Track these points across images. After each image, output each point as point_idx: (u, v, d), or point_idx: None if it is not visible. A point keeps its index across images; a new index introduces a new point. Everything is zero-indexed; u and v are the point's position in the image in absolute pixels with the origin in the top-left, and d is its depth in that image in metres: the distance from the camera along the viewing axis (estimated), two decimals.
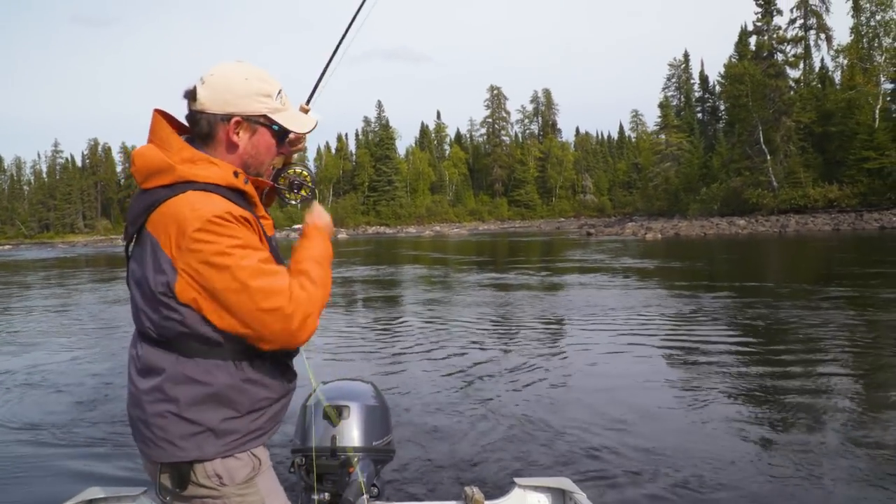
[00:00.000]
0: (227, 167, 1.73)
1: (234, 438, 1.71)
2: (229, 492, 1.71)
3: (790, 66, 62.39)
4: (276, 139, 1.83)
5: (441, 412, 6.31)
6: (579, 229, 68.35)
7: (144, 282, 1.67)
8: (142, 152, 1.71)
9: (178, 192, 1.65)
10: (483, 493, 3.00)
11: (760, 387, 6.98)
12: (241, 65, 1.77)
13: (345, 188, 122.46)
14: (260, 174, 1.86)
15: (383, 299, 16.81)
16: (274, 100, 1.78)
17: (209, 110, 1.72)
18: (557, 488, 3.12)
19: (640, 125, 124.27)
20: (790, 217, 50.96)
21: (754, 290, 14.97)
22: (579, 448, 5.23)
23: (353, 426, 2.71)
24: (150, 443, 1.70)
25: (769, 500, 4.23)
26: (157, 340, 1.68)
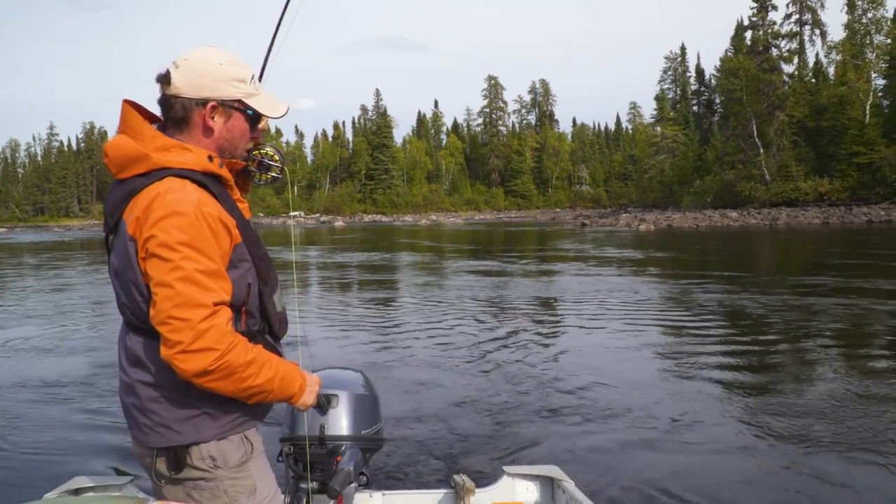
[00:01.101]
0: (201, 152, 1.72)
1: (230, 420, 1.74)
2: (222, 474, 1.73)
3: (784, 62, 63.17)
4: (250, 123, 1.84)
5: (430, 400, 6.35)
6: (574, 220, 69.15)
7: (122, 271, 1.69)
8: (115, 143, 1.70)
9: (155, 179, 1.65)
10: (472, 481, 3.02)
11: (748, 372, 7.17)
12: (215, 49, 1.79)
13: (342, 176, 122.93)
14: (235, 157, 1.86)
15: (376, 287, 17.33)
16: (248, 84, 1.80)
17: (184, 94, 1.72)
18: (546, 476, 3.15)
19: (637, 117, 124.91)
20: (781, 210, 51.87)
21: (738, 279, 15.71)
22: (568, 436, 5.30)
23: (341, 415, 2.69)
24: (146, 429, 1.72)
25: (757, 486, 4.33)
26: (143, 329, 1.69)
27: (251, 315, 1.78)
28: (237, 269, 1.71)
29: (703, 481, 4.41)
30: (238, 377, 1.62)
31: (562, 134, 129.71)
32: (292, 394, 1.80)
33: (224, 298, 1.62)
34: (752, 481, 4.39)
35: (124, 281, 1.69)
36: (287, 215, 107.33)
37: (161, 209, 1.59)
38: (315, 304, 13.72)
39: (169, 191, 1.62)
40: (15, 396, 6.81)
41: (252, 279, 1.75)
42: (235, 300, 1.69)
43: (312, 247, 36.78)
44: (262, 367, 1.67)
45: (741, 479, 4.44)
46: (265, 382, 1.68)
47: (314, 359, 3.07)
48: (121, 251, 1.68)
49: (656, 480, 4.40)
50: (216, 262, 1.63)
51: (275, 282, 1.85)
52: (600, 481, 4.37)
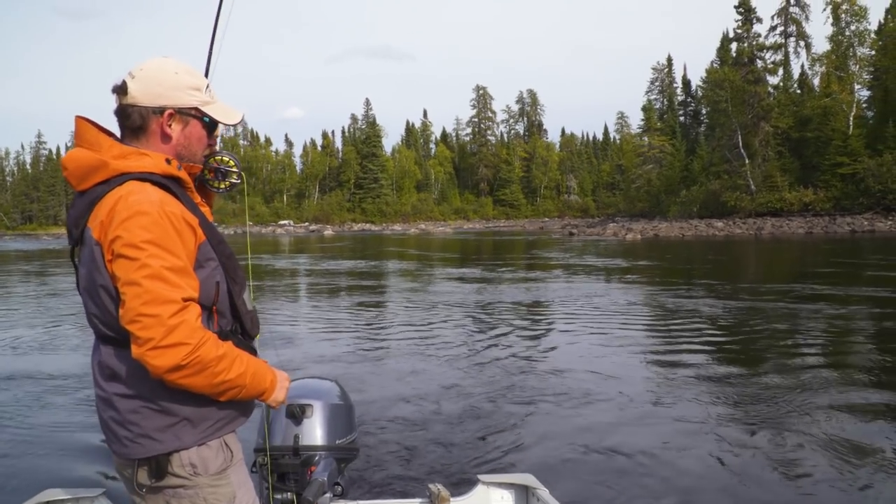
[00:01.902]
0: (158, 156, 1.75)
1: (209, 425, 1.74)
2: (202, 482, 1.73)
3: (769, 73, 63.96)
4: (207, 130, 1.87)
5: (406, 408, 6.37)
6: (562, 229, 69.53)
7: (90, 278, 1.70)
8: (72, 156, 1.73)
9: (116, 184, 1.68)
10: (447, 490, 3.02)
11: (728, 380, 7.15)
12: (169, 59, 1.82)
13: (331, 185, 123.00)
14: (193, 163, 1.89)
15: (360, 293, 17.47)
16: (203, 93, 1.83)
17: (141, 103, 1.75)
18: (521, 484, 3.16)
19: (624, 127, 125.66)
20: (766, 220, 52.47)
21: (718, 286, 16.02)
22: (544, 443, 5.32)
23: (315, 425, 2.69)
24: (126, 441, 1.71)
25: (735, 495, 4.35)
26: (115, 339, 1.69)
27: (222, 315, 1.79)
28: (204, 269, 1.72)
29: (680, 489, 4.41)
30: (210, 372, 1.62)
31: (550, 143, 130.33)
32: (264, 389, 1.80)
33: (192, 295, 1.63)
34: (733, 491, 4.39)
35: (93, 288, 1.69)
36: (277, 223, 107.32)
37: (124, 210, 1.61)
38: (296, 310, 13.95)
39: (130, 193, 1.64)
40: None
41: (220, 278, 1.76)
42: (205, 300, 1.70)
43: (301, 255, 36.95)
44: (234, 362, 1.67)
45: (722, 488, 4.44)
46: (237, 377, 1.68)
47: (291, 367, 3.10)
48: (87, 258, 1.69)
49: (632, 489, 4.42)
50: (182, 259, 1.63)
51: (243, 280, 1.86)
52: (575, 489, 4.38)
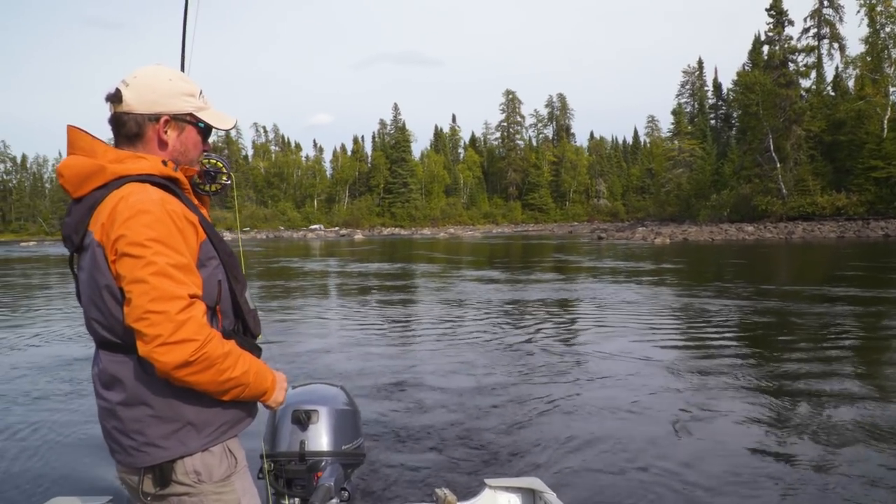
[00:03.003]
0: (154, 158, 1.76)
1: (213, 429, 1.74)
2: (206, 489, 1.73)
3: (801, 76, 63.29)
4: (202, 136, 1.89)
5: (414, 412, 6.33)
6: (591, 233, 69.37)
7: (91, 282, 1.69)
8: (68, 163, 1.73)
9: (114, 187, 1.68)
10: (454, 495, 3.02)
11: (751, 387, 6.99)
12: (162, 67, 1.84)
13: (360, 190, 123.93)
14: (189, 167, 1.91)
15: (384, 294, 17.77)
16: (197, 99, 1.85)
17: (136, 111, 1.75)
18: (528, 488, 3.15)
19: (655, 130, 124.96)
20: (798, 224, 51.92)
21: (740, 289, 16.04)
22: (551, 448, 5.26)
23: (321, 430, 2.70)
24: (132, 450, 1.70)
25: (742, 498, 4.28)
26: (117, 345, 1.69)
27: (225, 314, 1.80)
28: (206, 268, 1.72)
29: (691, 495, 4.34)
30: (217, 369, 1.63)
31: (579, 147, 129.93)
32: (265, 389, 1.81)
33: (197, 292, 1.63)
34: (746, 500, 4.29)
35: (95, 290, 1.68)
36: (307, 228, 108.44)
37: (126, 210, 1.61)
38: (316, 309, 14.38)
39: (131, 193, 1.65)
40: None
41: (222, 276, 1.77)
42: (208, 299, 1.70)
43: (331, 258, 37.48)
44: (238, 360, 1.69)
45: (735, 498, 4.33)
46: (241, 375, 1.70)
47: (302, 362, 3.21)
48: (89, 262, 1.68)
49: (640, 495, 4.37)
50: (186, 256, 1.64)
51: (244, 279, 1.88)
52: (582, 494, 4.35)
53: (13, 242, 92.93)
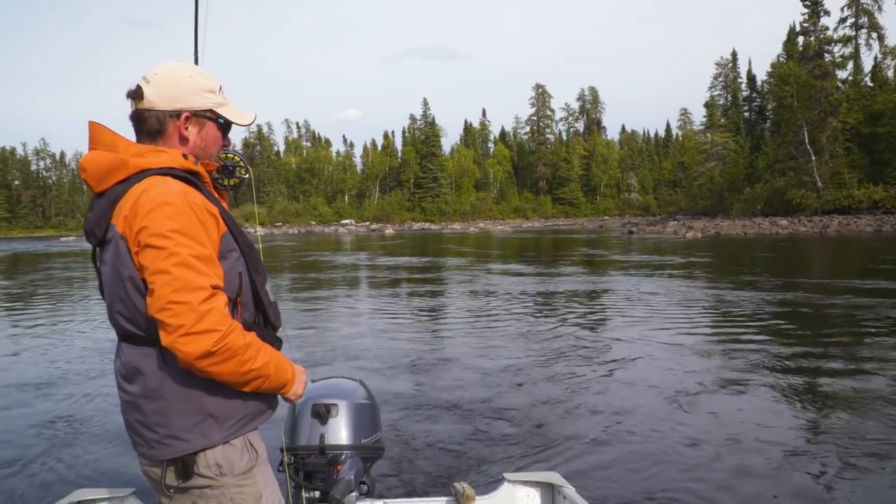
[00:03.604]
0: (175, 152, 1.78)
1: (234, 422, 1.75)
2: (228, 482, 1.74)
3: (838, 67, 62.18)
4: (222, 131, 1.92)
5: (433, 406, 6.31)
6: (622, 227, 69.02)
7: (115, 275, 1.70)
8: (91, 157, 1.75)
9: (136, 181, 1.70)
10: (473, 489, 3.03)
11: (771, 384, 6.84)
12: (182, 63, 1.86)
13: (391, 185, 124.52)
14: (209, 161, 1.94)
15: (409, 290, 17.90)
16: (217, 95, 1.87)
17: (157, 107, 1.77)
18: (546, 482, 3.15)
19: (687, 123, 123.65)
20: (833, 218, 51.12)
21: (769, 283, 15.95)
22: (571, 442, 5.23)
23: (341, 424, 2.72)
24: (154, 443, 1.72)
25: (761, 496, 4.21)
26: (140, 337, 1.70)
27: (246, 306, 1.81)
28: (227, 259, 1.74)
29: (706, 492, 4.28)
30: (238, 360, 1.65)
31: (610, 141, 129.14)
32: (285, 381, 1.84)
33: (219, 283, 1.65)
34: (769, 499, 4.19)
35: (118, 282, 1.69)
36: (338, 223, 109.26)
37: (148, 202, 1.63)
38: (345, 303, 14.55)
39: (153, 186, 1.67)
40: (15, 407, 6.75)
41: (242, 268, 1.78)
42: (229, 291, 1.71)
43: (362, 251, 37.79)
44: (259, 352, 1.71)
45: (758, 495, 4.23)
46: (263, 366, 1.71)
47: (323, 360, 3.23)
48: (112, 254, 1.70)
49: (658, 488, 4.34)
50: (208, 248, 1.66)
51: (265, 272, 1.89)
52: (600, 488, 4.34)
53: (53, 237, 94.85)
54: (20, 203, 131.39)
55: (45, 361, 8.94)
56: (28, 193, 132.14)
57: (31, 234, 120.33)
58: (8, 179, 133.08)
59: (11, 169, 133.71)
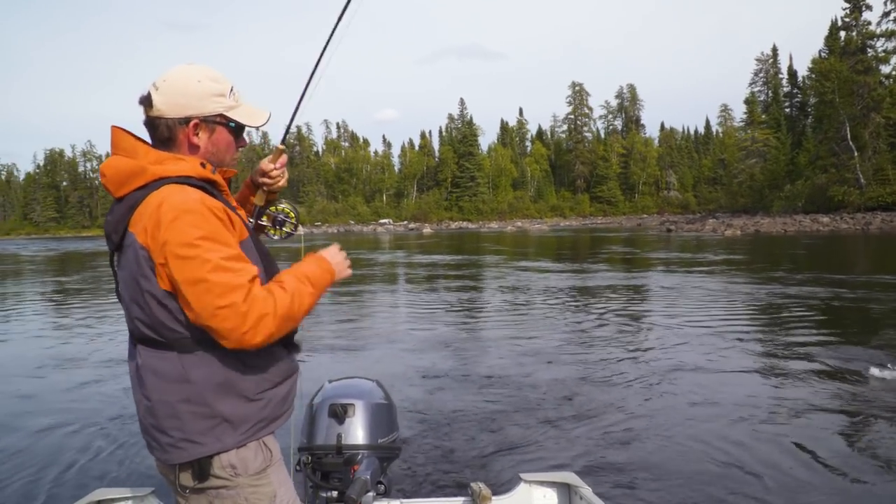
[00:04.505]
0: (193, 160, 1.78)
1: (249, 426, 1.76)
2: (243, 482, 1.75)
3: (881, 62, 61.20)
4: (234, 135, 1.89)
5: (452, 406, 6.30)
6: (660, 226, 68.68)
7: (133, 284, 1.70)
8: (111, 163, 1.75)
9: (153, 189, 1.69)
10: (489, 489, 3.03)
11: (822, 388, 6.66)
12: (192, 66, 1.82)
13: (428, 184, 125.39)
14: (224, 167, 1.91)
15: (445, 285, 18.32)
16: (227, 98, 1.83)
17: (167, 115, 1.76)
18: (563, 483, 3.15)
19: (728, 120, 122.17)
20: (876, 215, 50.41)
21: (798, 280, 16.11)
22: (586, 443, 5.21)
23: (358, 424, 2.73)
24: (169, 447, 1.73)
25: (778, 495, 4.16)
26: (157, 342, 1.71)
27: None
28: None
29: (724, 493, 4.24)
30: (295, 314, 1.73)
31: (648, 139, 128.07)
32: (329, 280, 1.92)
33: (254, 272, 1.68)
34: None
35: (138, 292, 1.69)
36: (377, 222, 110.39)
37: (170, 212, 1.63)
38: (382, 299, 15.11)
39: (171, 195, 1.67)
40: (42, 405, 6.84)
41: (262, 276, 1.76)
42: None
43: (400, 250, 38.45)
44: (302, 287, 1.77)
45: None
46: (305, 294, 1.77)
47: (334, 366, 3.26)
48: (131, 263, 1.70)
49: (674, 489, 4.32)
50: (235, 247, 1.69)
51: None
52: (617, 488, 4.33)
53: (100, 238, 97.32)
54: (68, 203, 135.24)
55: (77, 359, 9.17)
56: (76, 194, 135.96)
57: (79, 233, 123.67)
58: (57, 181, 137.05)
59: (60, 170, 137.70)
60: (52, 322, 13.46)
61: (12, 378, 8.28)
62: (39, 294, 19.95)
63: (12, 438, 5.79)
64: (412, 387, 7.07)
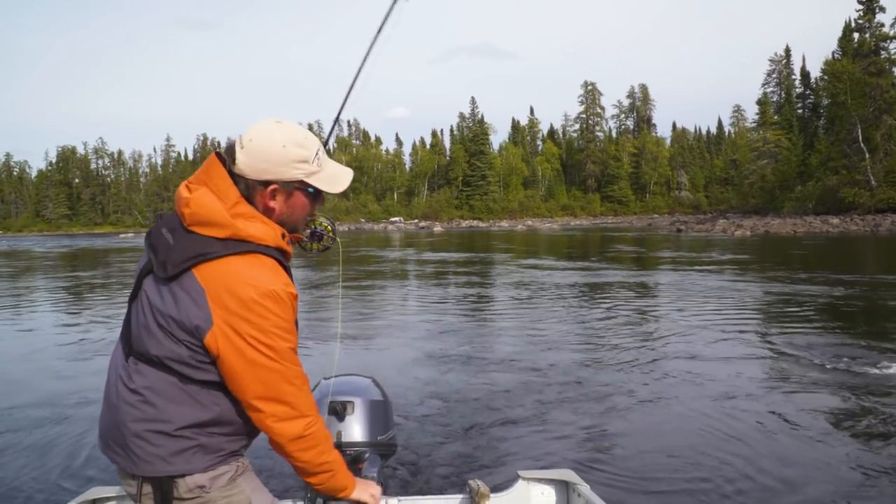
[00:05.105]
0: (277, 228, 1.76)
1: (222, 454, 1.76)
2: (214, 496, 1.74)
3: (893, 64, 61.02)
4: (311, 199, 1.85)
5: (450, 402, 6.30)
6: (670, 226, 68.66)
7: (170, 315, 1.66)
8: (199, 199, 1.69)
9: (233, 250, 1.66)
10: (487, 486, 3.01)
11: (772, 377, 6.82)
12: (280, 127, 1.76)
13: (439, 182, 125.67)
14: (295, 231, 1.89)
15: (453, 281, 18.61)
16: (311, 164, 1.78)
17: (247, 176, 1.73)
18: (561, 480, 3.14)
19: (740, 120, 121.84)
20: (886, 216, 50.33)
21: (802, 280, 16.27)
22: (584, 440, 5.21)
23: (357, 422, 2.74)
24: (135, 458, 1.70)
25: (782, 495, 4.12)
26: (167, 368, 1.69)
27: None
28: None
29: (723, 491, 4.22)
30: (320, 449, 1.78)
31: (660, 139, 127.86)
32: (347, 484, 1.93)
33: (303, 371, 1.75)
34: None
35: (175, 329, 1.66)
36: (388, 220, 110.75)
37: (255, 291, 1.63)
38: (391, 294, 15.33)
39: (254, 267, 1.66)
40: (30, 404, 6.71)
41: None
42: None
43: (409, 248, 38.79)
44: (332, 446, 1.84)
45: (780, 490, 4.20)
46: (334, 461, 1.84)
47: (329, 363, 3.16)
48: (185, 304, 1.65)
49: (672, 487, 4.33)
50: (296, 337, 1.75)
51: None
52: (615, 486, 4.33)
53: (112, 234, 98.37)
54: (80, 200, 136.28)
55: (75, 355, 9.17)
56: (88, 191, 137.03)
57: (91, 230, 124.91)
58: (69, 177, 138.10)
59: (72, 167, 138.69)
60: (62, 317, 13.66)
61: (11, 369, 8.45)
62: (52, 289, 20.33)
63: (8, 432, 5.77)
64: (410, 382, 7.06)
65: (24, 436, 5.70)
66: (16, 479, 4.74)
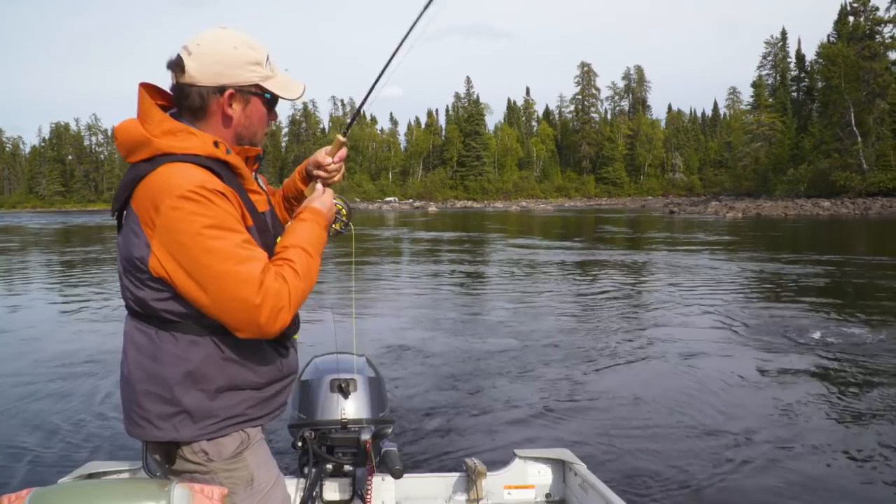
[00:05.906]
0: (206, 137, 1.64)
1: (212, 423, 1.65)
2: (217, 467, 1.68)
3: (887, 48, 61.24)
4: (267, 107, 1.77)
5: (441, 384, 6.24)
6: (664, 207, 69.11)
7: (126, 255, 1.62)
8: (122, 126, 1.65)
9: (157, 165, 1.58)
10: (485, 465, 3.03)
11: (769, 362, 6.82)
12: (227, 31, 1.69)
13: (434, 163, 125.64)
14: (254, 144, 1.79)
15: (447, 259, 18.93)
16: (264, 67, 1.71)
17: (200, 83, 1.64)
18: (558, 459, 3.16)
19: (736, 103, 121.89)
20: (876, 200, 50.87)
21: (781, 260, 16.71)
22: (580, 420, 5.25)
23: (360, 399, 2.76)
24: (131, 421, 1.68)
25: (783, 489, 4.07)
26: (139, 314, 1.65)
27: None
28: None
29: (715, 474, 4.24)
30: (307, 292, 1.69)
31: (655, 121, 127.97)
32: (322, 235, 1.84)
33: (264, 258, 1.60)
34: (780, 482, 4.13)
35: (128, 267, 1.62)
36: (382, 200, 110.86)
37: (170, 199, 1.52)
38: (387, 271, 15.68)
39: (172, 176, 1.56)
40: (29, 379, 6.74)
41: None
42: None
43: (404, 227, 39.04)
44: (308, 266, 1.69)
45: (768, 473, 4.24)
46: (311, 265, 1.72)
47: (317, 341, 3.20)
48: (129, 240, 1.61)
49: (665, 467, 4.34)
50: (243, 231, 1.60)
51: None
52: (611, 465, 4.36)
53: (106, 211, 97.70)
54: (74, 177, 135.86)
55: (75, 333, 9.20)
56: (81, 168, 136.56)
57: (85, 207, 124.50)
58: (62, 154, 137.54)
59: (66, 144, 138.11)
60: (59, 291, 13.89)
61: (11, 344, 8.62)
62: (47, 265, 20.74)
63: (5, 407, 5.82)
64: (406, 362, 7.07)
65: (19, 407, 5.81)
66: (13, 453, 4.77)
